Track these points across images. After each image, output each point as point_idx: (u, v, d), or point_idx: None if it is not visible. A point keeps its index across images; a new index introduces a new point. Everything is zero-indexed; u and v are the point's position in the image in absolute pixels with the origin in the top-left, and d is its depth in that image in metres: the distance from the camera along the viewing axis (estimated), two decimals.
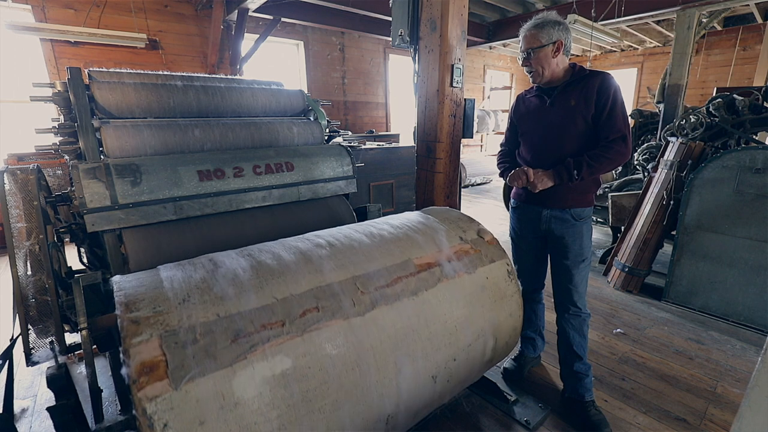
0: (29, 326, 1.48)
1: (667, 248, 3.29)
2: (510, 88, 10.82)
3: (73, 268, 1.88)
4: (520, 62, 1.81)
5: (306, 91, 2.52)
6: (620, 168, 5.66)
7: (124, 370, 0.92)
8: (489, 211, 6.34)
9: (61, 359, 1.43)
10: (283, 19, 5.67)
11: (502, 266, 1.68)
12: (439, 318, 1.42)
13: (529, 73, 1.80)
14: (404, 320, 1.33)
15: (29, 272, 1.51)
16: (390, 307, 1.31)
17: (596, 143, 1.74)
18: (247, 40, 5.68)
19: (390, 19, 2.53)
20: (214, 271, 1.20)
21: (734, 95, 3.51)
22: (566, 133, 1.75)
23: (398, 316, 1.32)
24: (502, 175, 2.02)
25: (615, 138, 1.68)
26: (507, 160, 2.02)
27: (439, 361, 1.40)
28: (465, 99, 2.45)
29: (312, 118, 2.46)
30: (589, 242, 1.88)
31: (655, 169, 3.41)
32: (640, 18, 5.73)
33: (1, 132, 4.60)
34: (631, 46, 9.82)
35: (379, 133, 7.44)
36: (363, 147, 4.60)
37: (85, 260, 1.91)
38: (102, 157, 1.73)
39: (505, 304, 1.65)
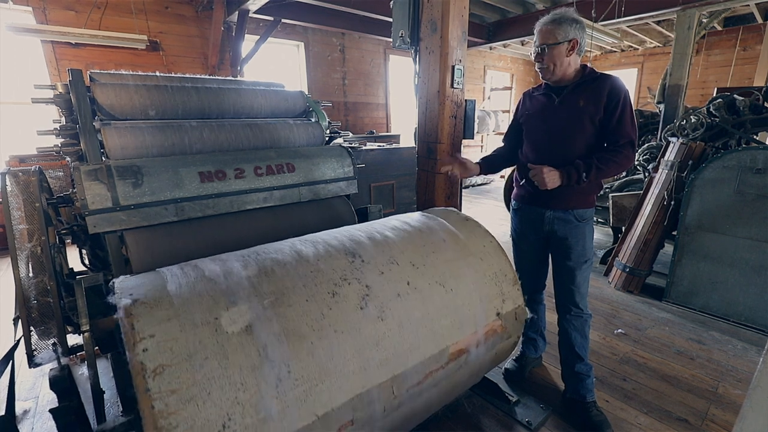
0: (31, 328, 1.49)
1: (668, 248, 3.30)
2: (510, 88, 10.82)
3: (75, 270, 1.88)
4: (533, 57, 1.78)
5: (306, 92, 2.53)
6: None
7: None
8: (489, 211, 6.35)
9: (63, 361, 1.43)
10: (283, 21, 5.67)
11: (512, 341, 1.71)
12: (442, 400, 1.50)
13: (540, 70, 1.77)
14: (416, 412, 1.40)
15: (31, 274, 1.52)
16: (411, 405, 1.33)
17: (601, 146, 1.74)
18: (248, 42, 5.68)
19: (390, 20, 2.53)
20: (258, 367, 1.01)
21: (734, 95, 3.51)
22: (572, 134, 1.74)
23: (412, 411, 1.36)
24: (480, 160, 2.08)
25: (624, 143, 1.67)
26: (494, 154, 2.09)
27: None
28: (466, 100, 2.45)
29: (312, 119, 2.46)
30: (592, 243, 1.88)
31: (655, 169, 3.41)
32: (641, 18, 5.73)
33: (2, 134, 4.61)
34: (632, 47, 9.82)
35: (380, 134, 7.44)
36: (364, 148, 4.60)
37: (86, 262, 1.91)
38: (103, 158, 1.74)
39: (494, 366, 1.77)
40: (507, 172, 6.38)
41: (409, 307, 1.37)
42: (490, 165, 2.07)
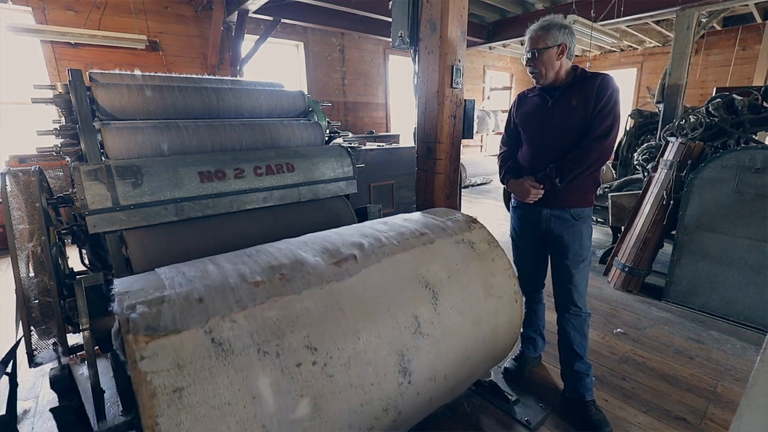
0: (32, 327, 1.49)
1: (667, 248, 3.30)
2: (510, 88, 10.82)
3: (75, 270, 1.88)
4: (524, 62, 1.84)
5: (306, 92, 2.53)
6: (620, 168, 5.67)
7: None
8: (489, 211, 6.35)
9: (63, 360, 1.44)
10: (283, 20, 5.67)
11: None
12: None
13: (532, 74, 1.82)
14: None
15: (31, 274, 1.52)
16: None
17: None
18: (248, 41, 5.68)
19: (390, 19, 2.53)
20: None
21: (733, 95, 3.52)
22: (567, 134, 1.76)
23: None
24: (502, 181, 2.02)
25: (595, 137, 1.69)
26: (508, 165, 2.01)
27: None
28: (465, 100, 2.45)
29: (312, 119, 2.47)
30: (589, 242, 1.88)
31: (654, 169, 3.42)
32: (640, 18, 5.73)
33: (2, 134, 4.61)
34: (631, 46, 9.82)
35: (380, 134, 7.45)
36: (363, 148, 4.60)
37: (86, 261, 1.91)
38: (103, 158, 1.74)
39: None
40: None
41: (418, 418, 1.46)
42: (519, 172, 1.98)
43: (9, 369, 1.59)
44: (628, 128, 5.91)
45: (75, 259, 2.05)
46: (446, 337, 1.46)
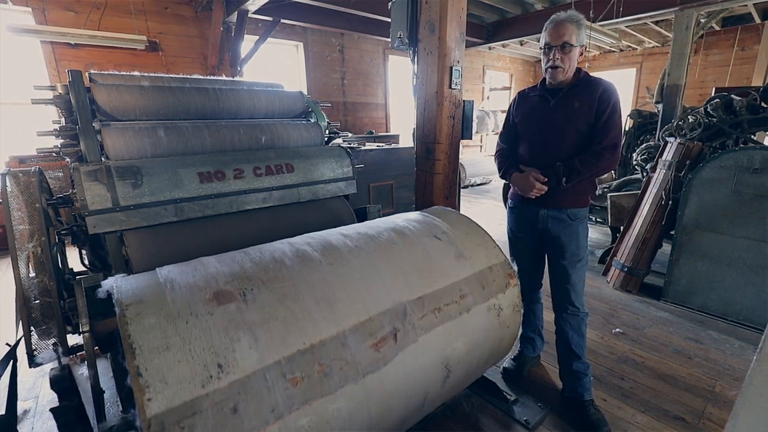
0: (32, 328, 1.49)
1: (666, 248, 3.30)
2: (509, 88, 10.84)
3: (75, 270, 1.89)
4: (551, 53, 1.71)
5: (306, 92, 2.54)
6: (619, 168, 5.68)
7: None
8: (489, 211, 6.35)
9: (63, 360, 1.44)
10: (282, 21, 5.68)
11: None
12: None
13: (553, 68, 1.72)
14: None
15: (31, 274, 1.52)
16: None
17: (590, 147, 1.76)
18: (247, 42, 5.69)
19: (389, 20, 2.54)
20: None
21: (732, 95, 3.53)
22: (566, 135, 1.77)
23: None
24: (503, 176, 2.02)
25: (607, 146, 1.71)
26: (509, 160, 2.00)
27: None
28: (464, 100, 2.46)
29: (312, 120, 2.47)
30: (585, 242, 1.89)
31: (653, 169, 3.42)
32: (639, 18, 5.74)
33: (2, 134, 4.61)
34: (630, 47, 9.83)
35: (379, 134, 7.46)
36: (363, 148, 4.61)
37: (86, 262, 1.92)
38: (103, 159, 1.74)
39: None
40: None
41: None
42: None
43: (9, 369, 1.59)
44: (627, 128, 5.92)
45: (75, 260, 2.06)
46: (440, 402, 1.54)
